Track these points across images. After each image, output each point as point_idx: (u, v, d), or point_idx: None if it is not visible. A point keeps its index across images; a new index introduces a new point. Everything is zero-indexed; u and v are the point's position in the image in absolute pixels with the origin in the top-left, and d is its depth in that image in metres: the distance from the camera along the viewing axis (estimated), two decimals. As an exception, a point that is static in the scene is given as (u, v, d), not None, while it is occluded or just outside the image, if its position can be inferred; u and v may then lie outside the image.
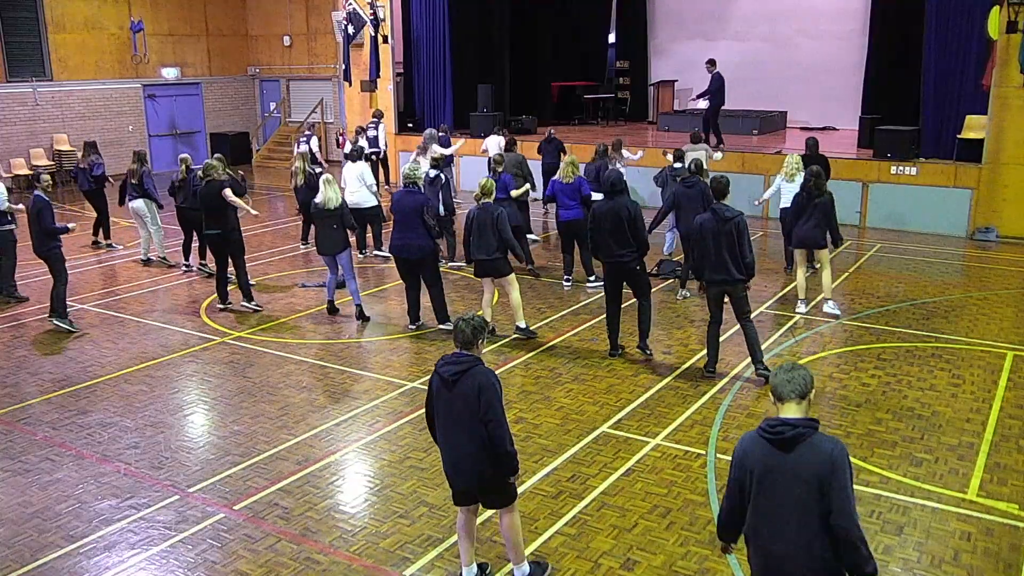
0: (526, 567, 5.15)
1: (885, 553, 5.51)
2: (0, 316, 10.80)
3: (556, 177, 11.40)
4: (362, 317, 10.24)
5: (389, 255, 13.09)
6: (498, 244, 9.06)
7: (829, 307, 10.27)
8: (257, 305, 10.78)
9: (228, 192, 10.42)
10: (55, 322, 10.22)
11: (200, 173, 10.73)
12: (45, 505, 6.24)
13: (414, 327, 9.92)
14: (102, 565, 5.52)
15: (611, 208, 8.58)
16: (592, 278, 11.61)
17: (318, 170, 13.73)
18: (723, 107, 17.74)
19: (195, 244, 12.72)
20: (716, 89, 17.28)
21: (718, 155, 14.40)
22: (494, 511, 5.44)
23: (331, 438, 7.26)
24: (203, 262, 12.67)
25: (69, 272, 10.68)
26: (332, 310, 10.44)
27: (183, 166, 12.52)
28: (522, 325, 9.57)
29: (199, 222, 12.48)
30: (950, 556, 5.50)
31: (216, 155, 11.51)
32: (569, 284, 11.68)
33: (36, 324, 10.40)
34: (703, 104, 17.90)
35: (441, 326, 9.84)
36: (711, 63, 17.61)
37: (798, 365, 3.80)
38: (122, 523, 5.98)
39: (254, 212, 10.74)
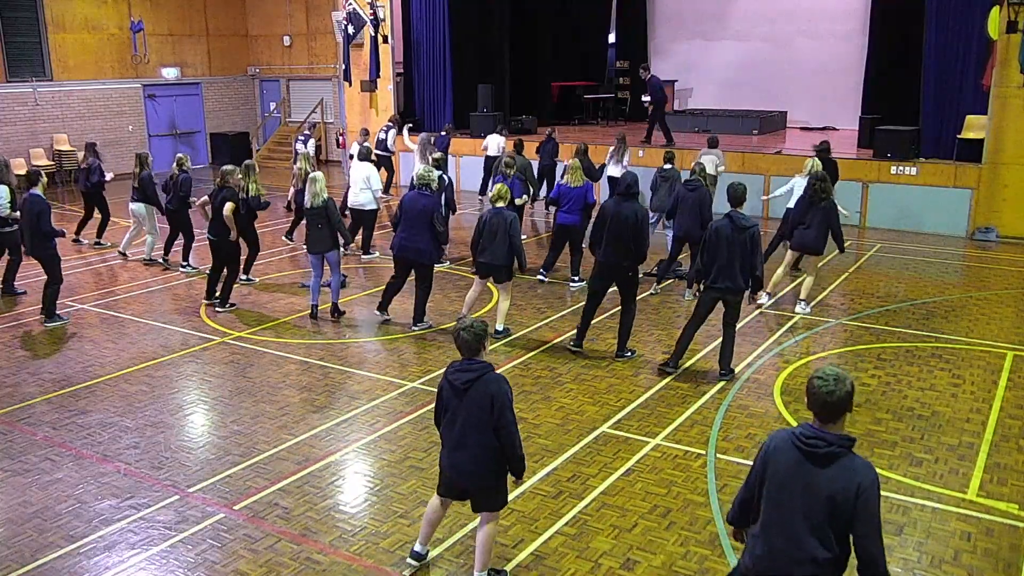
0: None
1: (885, 553, 5.50)
2: (0, 316, 10.80)
3: (563, 181, 11.36)
4: (336, 312, 10.32)
5: (370, 257, 13.20)
6: (507, 250, 9.12)
7: (800, 307, 10.33)
8: (231, 303, 10.81)
9: (227, 206, 10.48)
10: (46, 324, 10.28)
11: (219, 180, 10.73)
12: (45, 505, 6.24)
13: (379, 313, 10.07)
14: (102, 565, 5.52)
15: (620, 210, 8.55)
16: (576, 278, 11.66)
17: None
18: (667, 105, 19.24)
19: (181, 244, 12.82)
20: (659, 92, 18.47)
21: (722, 167, 14.40)
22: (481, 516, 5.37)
23: (331, 438, 7.26)
24: (184, 262, 12.79)
25: (68, 272, 10.70)
26: (314, 315, 10.40)
27: (176, 166, 12.55)
28: (500, 328, 9.61)
29: (185, 223, 12.57)
30: (950, 556, 5.50)
31: (246, 161, 11.38)
32: (544, 280, 11.79)
33: (36, 324, 10.40)
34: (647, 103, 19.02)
35: (414, 328, 9.87)
36: (645, 68, 18.88)
37: (843, 377, 3.65)
38: (122, 523, 5.97)
39: (232, 238, 10.70)
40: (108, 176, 14.59)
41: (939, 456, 6.82)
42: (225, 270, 10.78)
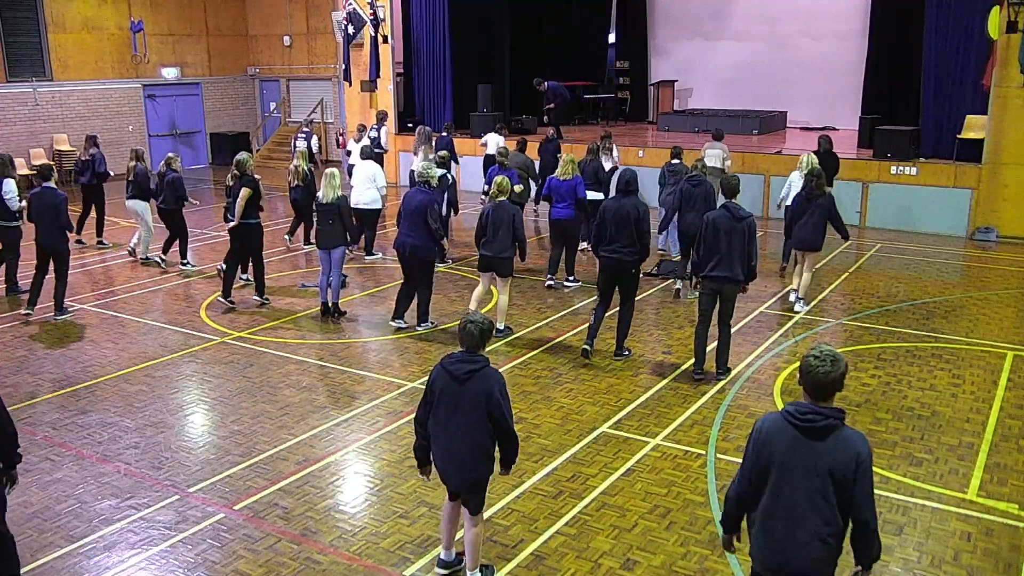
0: (477, 574, 5.18)
1: (885, 553, 5.49)
2: (0, 316, 10.80)
3: (554, 175, 11.37)
4: (337, 312, 10.34)
5: (373, 258, 13.20)
6: (511, 243, 9.16)
7: (798, 306, 10.34)
8: (266, 297, 10.95)
9: (243, 192, 10.42)
10: (59, 319, 10.35)
11: (234, 170, 10.74)
12: (45, 505, 6.24)
13: (394, 323, 9.92)
14: (102, 565, 5.52)
15: (620, 206, 8.55)
16: (572, 278, 11.62)
17: (312, 168, 13.79)
18: (563, 107, 19.70)
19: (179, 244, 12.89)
20: (558, 99, 19.17)
21: (728, 161, 14.40)
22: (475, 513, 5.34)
23: (331, 438, 7.26)
24: (184, 261, 12.84)
25: (69, 271, 10.70)
26: (325, 311, 10.43)
27: (164, 165, 12.56)
28: (501, 327, 9.60)
29: (180, 222, 12.58)
30: (950, 556, 5.50)
31: (243, 152, 11.37)
32: (552, 284, 11.59)
33: (37, 323, 10.40)
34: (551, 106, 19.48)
35: (419, 327, 9.86)
36: (539, 82, 19.33)
37: (839, 358, 3.73)
38: (122, 523, 5.98)
39: (251, 221, 10.72)
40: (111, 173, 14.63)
41: (939, 456, 6.82)
42: (252, 260, 10.93)
